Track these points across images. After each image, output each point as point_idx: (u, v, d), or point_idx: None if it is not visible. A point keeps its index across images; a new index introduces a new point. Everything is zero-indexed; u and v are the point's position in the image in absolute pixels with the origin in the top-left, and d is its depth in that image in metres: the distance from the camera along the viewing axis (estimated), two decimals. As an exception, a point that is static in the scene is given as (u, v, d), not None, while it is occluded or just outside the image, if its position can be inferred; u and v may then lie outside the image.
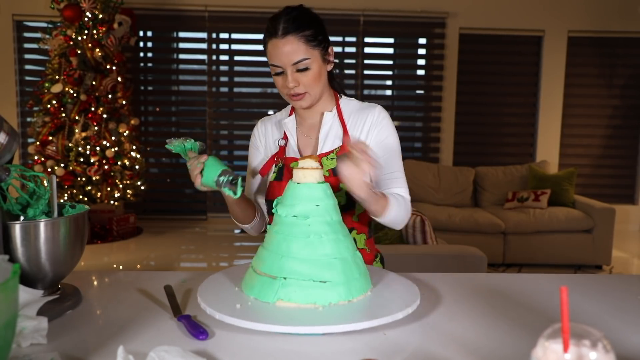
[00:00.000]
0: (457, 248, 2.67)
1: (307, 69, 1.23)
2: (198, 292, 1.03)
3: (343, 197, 1.29)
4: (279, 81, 1.27)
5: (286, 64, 1.22)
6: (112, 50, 4.69)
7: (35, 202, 1.07)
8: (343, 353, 0.85)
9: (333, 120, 1.34)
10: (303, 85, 1.24)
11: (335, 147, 1.33)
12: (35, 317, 0.87)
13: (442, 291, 1.16)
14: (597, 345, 0.56)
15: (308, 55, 1.22)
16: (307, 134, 1.37)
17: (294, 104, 1.30)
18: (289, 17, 1.22)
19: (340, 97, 1.39)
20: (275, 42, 1.22)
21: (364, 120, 1.33)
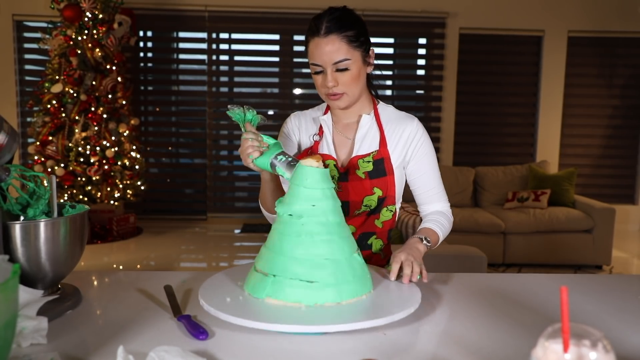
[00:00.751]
0: (457, 248, 2.67)
1: (347, 70, 1.24)
2: (199, 290, 1.03)
3: (374, 202, 1.32)
4: (318, 80, 1.27)
5: (327, 63, 1.23)
6: (112, 50, 4.69)
7: (35, 202, 1.07)
8: (343, 353, 0.85)
9: (371, 124, 1.35)
10: (342, 85, 1.25)
11: (372, 150, 1.33)
12: (35, 317, 0.87)
13: (442, 291, 1.16)
14: (597, 345, 0.56)
15: (349, 56, 1.23)
16: (343, 134, 1.37)
17: (331, 103, 1.30)
18: (333, 17, 1.23)
19: (378, 102, 1.40)
20: (317, 41, 1.23)
21: (402, 131, 1.35)
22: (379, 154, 1.32)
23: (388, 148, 1.34)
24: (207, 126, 5.54)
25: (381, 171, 1.32)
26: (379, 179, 1.32)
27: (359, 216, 1.34)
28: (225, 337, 0.91)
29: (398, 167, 1.35)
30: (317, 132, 1.38)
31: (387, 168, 1.32)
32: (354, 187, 1.30)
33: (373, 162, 1.32)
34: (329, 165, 1.32)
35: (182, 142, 5.73)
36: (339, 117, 1.38)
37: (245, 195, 5.73)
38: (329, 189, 1.05)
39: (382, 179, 1.32)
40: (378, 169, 1.32)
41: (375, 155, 1.32)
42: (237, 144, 5.83)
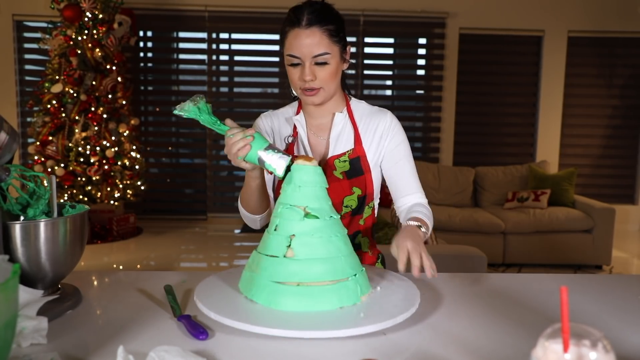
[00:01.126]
0: (457, 248, 2.67)
1: (326, 64, 1.21)
2: (195, 293, 1.03)
3: (355, 201, 1.30)
4: (294, 73, 1.23)
5: (306, 56, 1.19)
6: (112, 50, 4.69)
7: (35, 202, 1.07)
8: (343, 353, 0.85)
9: (345, 122, 1.33)
10: (319, 80, 1.22)
11: (348, 149, 1.31)
12: (35, 317, 0.87)
13: (442, 291, 1.16)
14: (597, 345, 0.56)
15: (329, 50, 1.20)
16: (317, 134, 1.34)
17: (305, 99, 1.26)
18: (314, 9, 1.20)
19: (350, 98, 1.37)
20: (298, 32, 1.19)
21: (376, 126, 1.32)
22: (354, 152, 1.30)
23: (363, 146, 1.31)
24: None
25: (358, 170, 1.30)
26: (357, 178, 1.29)
27: (343, 218, 1.32)
28: (225, 337, 0.91)
29: (375, 165, 1.33)
30: (292, 134, 1.34)
31: (364, 166, 1.30)
32: (333, 189, 1.25)
33: (349, 162, 1.29)
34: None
35: (182, 142, 5.73)
36: (312, 116, 1.34)
37: (245, 195, 5.73)
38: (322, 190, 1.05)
39: (360, 178, 1.29)
40: (355, 168, 1.29)
41: (351, 154, 1.30)
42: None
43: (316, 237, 1.00)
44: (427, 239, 1.27)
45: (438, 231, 4.06)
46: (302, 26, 1.18)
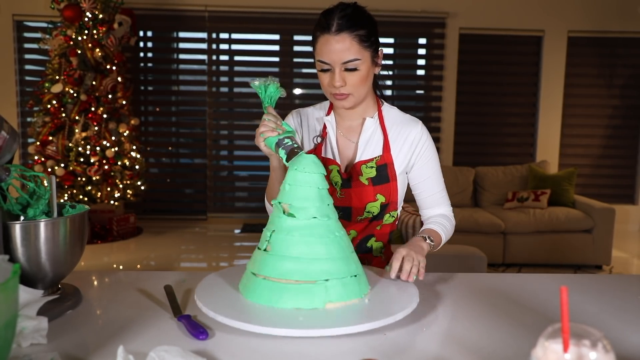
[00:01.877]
0: (457, 248, 2.67)
1: (356, 70, 1.20)
2: (196, 293, 1.03)
3: (377, 208, 1.30)
4: (324, 78, 1.22)
5: (336, 62, 1.18)
6: (112, 50, 4.69)
7: (35, 202, 1.07)
8: (343, 353, 0.85)
9: (375, 127, 1.31)
10: (350, 86, 1.21)
11: (376, 155, 1.30)
12: (35, 317, 0.87)
13: (442, 291, 1.16)
14: (597, 345, 0.56)
15: (359, 56, 1.18)
16: (346, 136, 1.33)
17: (336, 103, 1.26)
18: (344, 14, 1.18)
19: (382, 104, 1.36)
20: (327, 38, 1.18)
21: (407, 135, 1.32)
22: (382, 159, 1.29)
23: (392, 153, 1.30)
24: (207, 126, 5.54)
25: (384, 177, 1.29)
26: (382, 185, 1.29)
27: (360, 222, 1.32)
28: (225, 337, 0.91)
29: (401, 173, 1.32)
30: (321, 134, 1.33)
31: (391, 174, 1.29)
32: (357, 194, 1.27)
33: (376, 168, 1.29)
34: (332, 171, 1.29)
35: (182, 142, 5.73)
36: (342, 118, 1.33)
37: (245, 195, 5.74)
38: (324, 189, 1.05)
39: (385, 185, 1.29)
40: (381, 175, 1.29)
41: (379, 160, 1.29)
42: (238, 143, 5.83)
43: (294, 236, 1.00)
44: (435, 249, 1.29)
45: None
46: (332, 32, 1.17)
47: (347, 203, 1.29)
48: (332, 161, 1.30)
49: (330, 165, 1.30)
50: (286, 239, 1.00)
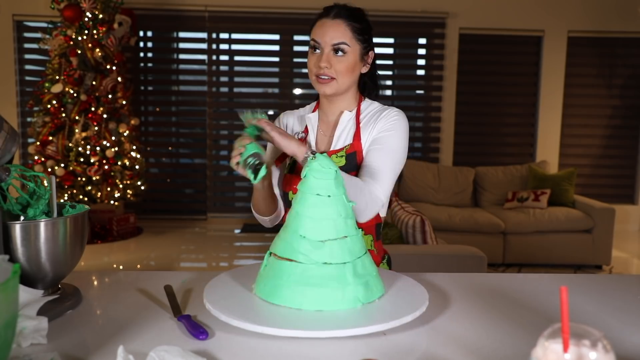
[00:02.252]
0: (457, 248, 2.68)
1: (344, 54, 1.25)
2: (204, 292, 1.03)
3: None
4: (312, 59, 1.28)
5: (326, 43, 1.25)
6: (112, 51, 4.69)
7: (35, 202, 1.07)
8: (343, 353, 0.85)
9: (351, 120, 1.34)
10: (334, 70, 1.26)
11: (346, 144, 1.31)
12: (35, 317, 0.87)
13: (442, 291, 1.16)
14: (597, 345, 0.56)
15: (349, 43, 1.26)
16: (325, 133, 1.37)
17: (318, 87, 1.29)
18: (345, 8, 1.28)
19: (363, 99, 1.37)
20: (324, 21, 1.27)
21: (377, 119, 1.30)
22: (351, 147, 1.28)
23: (361, 140, 1.29)
24: (207, 126, 5.54)
25: (353, 165, 1.27)
26: (352, 174, 1.23)
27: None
28: (225, 337, 0.91)
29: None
30: (303, 130, 1.39)
31: (359, 160, 1.28)
32: None
33: (346, 157, 1.28)
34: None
35: (182, 142, 5.73)
36: (325, 114, 1.37)
37: (245, 195, 5.74)
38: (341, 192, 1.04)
39: (354, 174, 1.25)
40: (350, 164, 1.27)
41: (348, 149, 1.28)
42: (237, 144, 5.82)
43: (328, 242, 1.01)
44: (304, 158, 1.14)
45: (438, 231, 4.06)
46: (330, 16, 1.27)
47: None
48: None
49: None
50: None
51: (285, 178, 1.34)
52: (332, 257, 0.98)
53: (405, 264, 2.50)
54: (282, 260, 1.00)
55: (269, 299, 0.98)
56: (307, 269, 0.97)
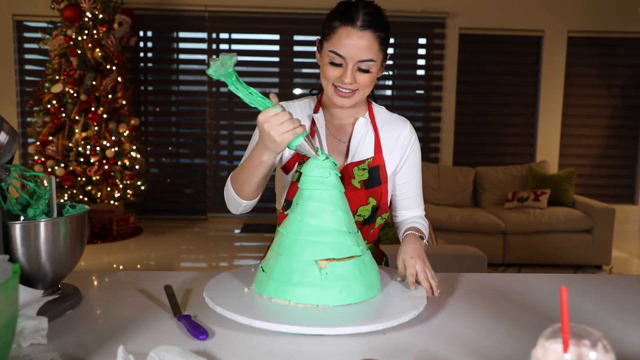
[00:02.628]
0: (457, 248, 2.67)
1: (368, 71, 1.16)
2: (205, 290, 1.03)
3: (368, 212, 1.26)
4: (332, 72, 1.15)
5: (352, 58, 1.13)
6: (112, 51, 4.69)
7: (35, 202, 1.07)
8: (343, 353, 0.85)
9: (367, 128, 1.27)
10: (358, 85, 1.16)
11: (368, 157, 1.26)
12: (35, 317, 0.87)
13: (442, 291, 1.16)
14: (597, 345, 0.56)
15: (375, 58, 1.15)
16: (336, 136, 1.27)
17: (337, 100, 1.18)
18: (370, 12, 1.13)
19: (371, 103, 1.32)
20: (350, 32, 1.12)
21: (397, 135, 1.29)
22: (374, 161, 1.25)
23: (383, 155, 1.27)
24: (207, 126, 5.54)
25: (376, 180, 1.25)
26: (374, 188, 1.24)
27: None
28: (225, 336, 0.91)
29: (391, 175, 1.29)
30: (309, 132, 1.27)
31: (382, 176, 1.26)
32: (350, 197, 1.15)
33: (368, 170, 1.24)
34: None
35: (182, 142, 5.73)
36: (333, 117, 1.28)
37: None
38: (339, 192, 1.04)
39: (377, 188, 1.24)
40: (373, 178, 1.24)
41: (371, 162, 1.24)
42: (237, 143, 5.83)
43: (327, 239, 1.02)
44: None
45: (438, 231, 4.06)
46: (357, 26, 1.11)
47: None
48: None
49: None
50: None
51: (292, 186, 1.24)
52: (337, 253, 0.99)
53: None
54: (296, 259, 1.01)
55: (268, 294, 0.99)
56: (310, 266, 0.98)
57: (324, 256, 0.99)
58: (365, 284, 1.01)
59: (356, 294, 0.99)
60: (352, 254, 1.01)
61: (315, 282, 0.97)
